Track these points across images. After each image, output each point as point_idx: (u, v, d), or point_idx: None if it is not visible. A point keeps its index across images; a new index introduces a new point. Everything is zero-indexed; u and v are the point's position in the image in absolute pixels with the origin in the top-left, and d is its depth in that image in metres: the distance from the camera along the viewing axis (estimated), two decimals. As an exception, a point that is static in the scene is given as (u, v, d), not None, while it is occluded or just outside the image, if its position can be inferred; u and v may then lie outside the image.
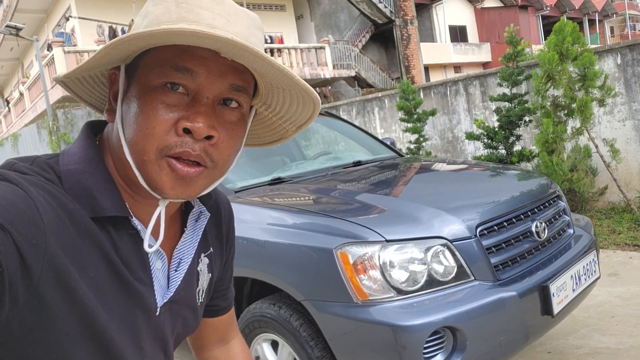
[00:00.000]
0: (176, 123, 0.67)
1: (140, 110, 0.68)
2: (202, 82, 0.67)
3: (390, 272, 1.94)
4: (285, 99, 0.77)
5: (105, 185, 0.71)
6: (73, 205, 0.66)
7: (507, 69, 6.38)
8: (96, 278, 0.66)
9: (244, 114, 0.74)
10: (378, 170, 3.06)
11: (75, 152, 0.73)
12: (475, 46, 29.92)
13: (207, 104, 0.68)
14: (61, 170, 0.70)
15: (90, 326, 0.65)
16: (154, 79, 0.68)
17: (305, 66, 19.09)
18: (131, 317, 0.72)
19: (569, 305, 2.20)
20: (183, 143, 0.67)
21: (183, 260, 0.81)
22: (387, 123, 9.16)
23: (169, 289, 0.79)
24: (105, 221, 0.70)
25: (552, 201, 2.57)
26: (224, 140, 0.70)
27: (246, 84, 0.72)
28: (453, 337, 1.88)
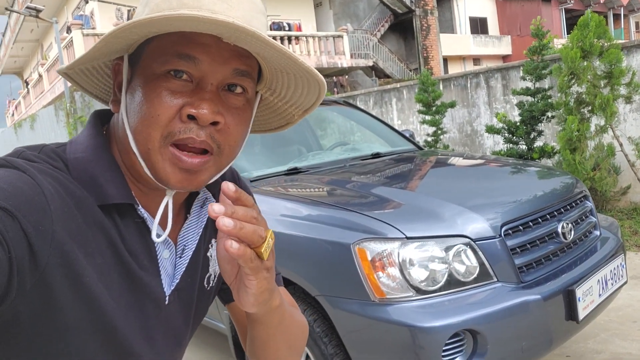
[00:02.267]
0: (180, 109, 0.66)
1: (144, 98, 0.67)
2: (206, 68, 0.67)
3: (410, 271, 1.86)
4: (290, 83, 0.76)
5: (112, 174, 0.70)
6: (80, 192, 0.66)
7: (532, 63, 6.22)
8: (103, 266, 0.66)
9: (250, 100, 0.73)
10: (397, 163, 2.98)
11: (82, 141, 0.73)
12: (495, 38, 29.48)
13: (212, 90, 0.67)
14: (68, 159, 0.70)
15: (97, 313, 0.64)
16: (157, 67, 0.67)
17: (322, 55, 18.95)
18: (138, 306, 0.71)
19: (595, 310, 2.11)
20: (188, 129, 0.66)
21: (187, 247, 0.80)
22: (404, 114, 9.03)
23: (175, 276, 0.78)
24: (111, 209, 0.69)
25: (579, 201, 2.47)
26: (230, 125, 0.69)
27: (250, 69, 0.71)
28: (473, 340, 1.80)
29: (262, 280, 0.66)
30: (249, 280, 0.65)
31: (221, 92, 0.69)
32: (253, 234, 0.60)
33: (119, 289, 0.68)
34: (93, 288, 0.63)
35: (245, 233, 0.59)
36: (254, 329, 0.81)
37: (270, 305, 0.73)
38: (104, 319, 0.65)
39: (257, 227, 0.61)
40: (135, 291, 0.70)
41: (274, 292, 0.72)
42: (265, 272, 0.65)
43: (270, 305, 0.73)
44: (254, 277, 0.64)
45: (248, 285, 0.66)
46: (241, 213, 0.60)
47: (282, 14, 20.12)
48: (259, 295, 0.67)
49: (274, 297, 0.73)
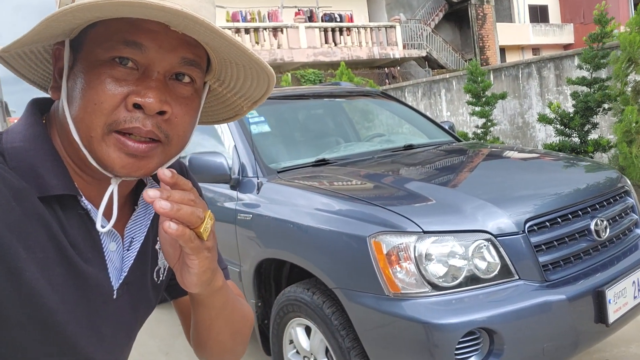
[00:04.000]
0: (126, 98, 0.64)
1: (87, 85, 0.65)
2: (153, 56, 0.65)
3: (426, 266, 1.82)
4: (240, 75, 0.75)
5: (52, 163, 0.68)
6: (19, 183, 0.63)
7: (591, 50, 5.91)
8: (44, 260, 0.64)
9: (198, 89, 0.72)
10: (428, 156, 2.91)
11: (19, 130, 0.70)
12: (556, 27, 28.28)
13: (159, 79, 0.66)
14: (5, 149, 0.67)
15: (38, 309, 0.63)
16: (102, 54, 0.65)
17: (374, 46, 18.77)
18: (85, 300, 0.69)
19: (629, 313, 1.99)
20: (133, 118, 0.64)
21: (135, 239, 0.78)
22: (454, 106, 8.82)
23: (124, 269, 0.76)
24: (52, 201, 0.67)
25: (619, 197, 2.33)
26: (178, 115, 0.68)
27: (198, 58, 0.69)
28: (489, 339, 1.74)
29: (204, 260, 0.66)
30: (190, 260, 0.66)
31: (169, 81, 0.67)
32: (191, 215, 0.61)
33: (62, 283, 0.66)
34: (33, 283, 0.62)
35: (182, 214, 0.60)
36: (197, 313, 0.81)
37: (213, 286, 0.74)
38: (46, 314, 0.64)
39: (195, 209, 0.62)
40: (80, 286, 0.68)
41: (216, 273, 0.73)
42: (206, 252, 0.66)
43: (213, 286, 0.73)
44: (195, 257, 0.65)
45: (190, 265, 0.66)
46: (177, 196, 0.61)
47: (333, 5, 20.05)
48: (201, 274, 0.68)
49: (217, 278, 0.74)
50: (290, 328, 2.38)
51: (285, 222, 2.24)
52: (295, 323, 2.34)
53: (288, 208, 2.29)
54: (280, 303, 2.35)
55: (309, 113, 3.57)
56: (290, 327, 2.38)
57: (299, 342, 2.33)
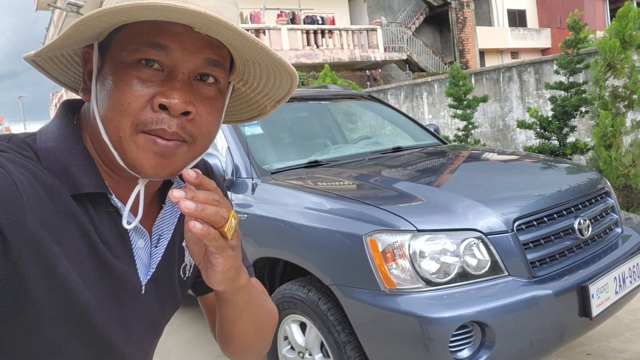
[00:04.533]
0: (152, 99, 0.66)
1: (114, 87, 0.66)
2: (177, 57, 0.67)
3: (420, 263, 1.89)
4: (262, 74, 0.76)
5: (83, 162, 0.70)
6: (52, 182, 0.65)
7: (566, 56, 6.09)
8: (76, 256, 0.65)
9: (222, 90, 0.73)
10: (418, 157, 2.99)
11: (52, 131, 0.72)
12: (534, 31, 28.79)
13: (183, 80, 0.67)
14: (39, 148, 0.69)
15: (71, 303, 0.64)
16: (128, 56, 0.67)
17: (355, 48, 18.91)
18: (114, 295, 0.71)
19: (610, 308, 2.09)
20: (159, 120, 0.66)
21: (162, 237, 0.80)
22: (435, 109, 8.97)
23: (151, 266, 0.79)
24: (84, 199, 0.69)
25: (600, 197, 2.44)
26: (202, 115, 0.69)
27: (222, 59, 0.71)
28: (482, 332, 1.82)
29: (228, 259, 0.68)
30: (215, 258, 0.67)
31: (193, 82, 0.69)
32: (215, 215, 0.63)
33: (93, 278, 0.68)
34: (67, 278, 0.63)
35: (206, 214, 0.62)
36: (222, 310, 0.83)
37: (237, 283, 0.75)
38: (79, 309, 0.65)
39: (219, 209, 0.64)
40: (110, 281, 0.70)
41: (240, 271, 0.75)
42: (230, 251, 0.68)
43: (237, 283, 0.75)
44: (220, 256, 0.67)
45: (215, 264, 0.68)
46: (202, 196, 0.63)
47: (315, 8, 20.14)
48: (226, 272, 0.69)
49: (241, 276, 0.76)
50: (285, 324, 2.44)
51: (281, 222, 2.30)
52: (290, 319, 2.40)
53: (283, 208, 2.35)
54: (276, 300, 2.40)
55: (300, 116, 3.64)
56: (285, 323, 2.44)
57: (294, 338, 2.39)
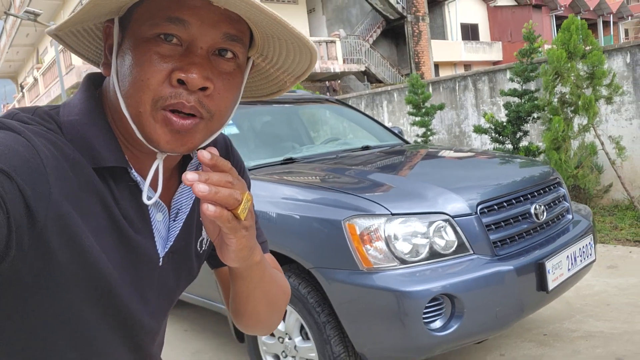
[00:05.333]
0: (170, 74, 0.66)
1: (134, 62, 0.67)
2: (195, 32, 0.67)
3: (395, 244, 2.06)
4: (282, 49, 0.76)
5: (105, 137, 0.71)
6: (75, 155, 0.67)
7: (521, 65, 6.46)
8: (98, 228, 0.67)
9: (240, 65, 0.73)
10: (386, 154, 3.18)
11: (75, 104, 0.73)
12: (486, 45, 29.85)
13: (201, 55, 0.67)
14: (62, 121, 0.70)
15: (94, 273, 0.66)
16: (147, 31, 0.67)
17: (316, 59, 19.16)
18: (133, 267, 0.74)
19: (564, 283, 2.31)
20: (177, 94, 0.66)
21: (181, 210, 0.82)
22: (395, 117, 9.26)
23: (169, 239, 0.81)
24: (105, 173, 0.70)
25: (553, 187, 2.68)
26: (220, 91, 0.69)
27: (241, 34, 0.70)
28: (451, 304, 2.00)
29: (241, 239, 0.68)
30: (228, 238, 0.68)
31: (211, 57, 0.69)
32: (228, 198, 0.63)
33: (113, 250, 0.70)
34: (90, 249, 0.65)
35: (220, 197, 0.62)
36: (236, 285, 0.84)
37: (251, 261, 0.76)
38: (101, 279, 0.67)
39: (233, 191, 0.63)
40: (129, 253, 0.72)
41: (254, 249, 0.75)
42: (243, 231, 0.68)
43: (251, 261, 0.76)
44: (233, 236, 0.67)
45: (228, 243, 0.69)
46: (216, 178, 0.63)
47: (275, 20, 20.30)
48: (239, 251, 0.70)
49: (255, 254, 0.76)
50: (265, 313, 2.56)
51: (262, 213, 2.43)
52: (270, 307, 2.52)
53: (264, 200, 2.48)
54: (256, 289, 2.52)
55: (271, 118, 3.78)
56: (265, 311, 2.55)
57: (274, 325, 2.51)
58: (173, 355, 3.37)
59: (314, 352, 2.29)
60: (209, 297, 2.99)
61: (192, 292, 3.15)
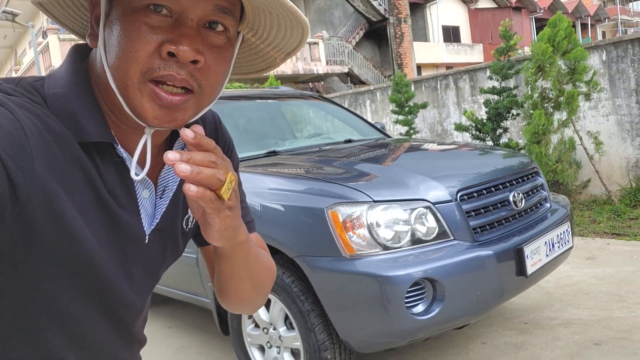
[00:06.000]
0: (160, 46, 0.65)
1: (122, 33, 0.65)
2: (186, 3, 0.65)
3: (377, 230, 2.09)
4: (273, 24, 0.75)
5: (91, 111, 0.70)
6: (60, 129, 0.65)
7: (499, 63, 6.56)
8: (82, 204, 0.66)
9: (231, 39, 0.72)
10: (369, 147, 3.22)
11: (61, 76, 0.71)
12: (467, 47, 30.16)
13: (192, 27, 0.66)
14: (47, 94, 0.68)
15: (78, 248, 0.65)
16: (136, 1, 0.65)
17: (298, 61, 19.22)
18: (118, 243, 0.72)
19: (542, 268, 2.37)
20: (167, 66, 0.65)
21: (168, 188, 0.81)
22: (378, 116, 9.33)
23: (156, 216, 0.79)
24: (90, 148, 0.69)
25: (531, 176, 2.74)
26: (211, 64, 0.68)
27: (232, 6, 0.69)
28: (433, 288, 2.04)
29: (225, 219, 0.67)
30: (212, 218, 0.67)
31: (202, 30, 0.67)
32: (211, 178, 0.61)
33: (98, 226, 0.68)
34: (74, 224, 0.64)
35: (202, 177, 0.60)
36: (220, 264, 0.83)
37: (235, 240, 0.75)
38: (85, 254, 0.66)
39: (216, 171, 0.62)
40: (114, 229, 0.71)
41: (239, 229, 0.74)
42: (227, 211, 0.67)
43: (235, 240, 0.75)
44: (217, 216, 0.66)
45: (212, 223, 0.68)
46: (198, 158, 0.61)
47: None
48: (223, 231, 0.69)
49: (239, 234, 0.75)
50: (250, 303, 2.57)
51: (245, 203, 2.45)
52: (254, 298, 2.54)
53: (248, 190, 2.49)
54: (240, 280, 2.54)
55: (254, 113, 3.80)
56: (250, 302, 2.57)
57: (259, 315, 2.52)
58: (156, 352, 3.37)
59: (299, 340, 2.31)
60: (193, 292, 2.99)
61: (176, 287, 3.15)
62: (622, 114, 6.20)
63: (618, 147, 6.28)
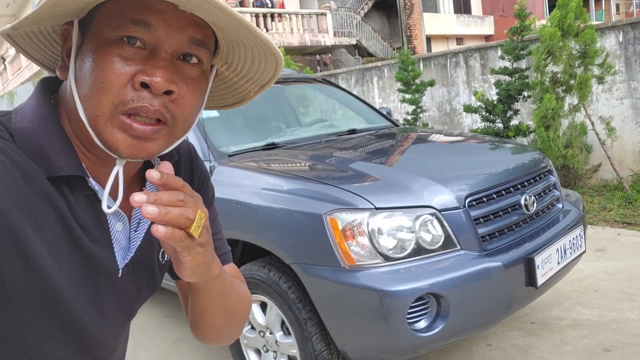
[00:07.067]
0: (133, 77, 0.64)
1: (94, 64, 0.64)
2: (161, 35, 0.65)
3: (378, 239, 1.97)
4: (247, 57, 0.75)
5: (60, 144, 0.68)
6: (27, 163, 0.64)
7: (511, 43, 6.32)
8: (52, 239, 0.65)
9: (205, 71, 0.72)
10: (373, 139, 3.07)
11: (29, 110, 0.70)
12: (478, 18, 29.50)
13: (166, 58, 0.66)
14: (14, 128, 0.67)
15: (44, 286, 0.64)
16: (110, 33, 0.65)
17: (305, 32, 18.84)
18: (90, 279, 0.71)
19: (553, 277, 2.24)
20: (141, 98, 0.64)
21: (143, 220, 0.79)
22: (385, 93, 9.11)
23: (130, 250, 0.78)
24: (60, 181, 0.67)
25: (543, 175, 2.59)
26: (185, 96, 0.68)
27: (206, 39, 0.69)
28: (437, 303, 1.92)
29: (197, 256, 0.66)
30: (183, 256, 0.66)
31: (176, 62, 0.67)
32: (179, 217, 0.61)
33: (69, 262, 0.67)
34: (41, 261, 0.62)
35: (170, 217, 0.60)
36: (194, 298, 0.82)
37: (209, 275, 0.74)
38: (52, 292, 0.65)
39: (184, 210, 0.61)
40: (86, 264, 0.69)
41: (212, 264, 0.73)
42: (198, 248, 0.66)
43: (208, 275, 0.74)
44: (188, 254, 0.65)
45: (183, 261, 0.67)
46: (166, 198, 0.60)
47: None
48: (195, 268, 0.68)
49: (213, 268, 0.74)
50: (246, 305, 2.47)
51: (241, 204, 2.32)
52: (250, 300, 2.43)
53: (242, 190, 2.37)
54: (236, 282, 2.43)
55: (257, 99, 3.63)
56: (246, 304, 2.47)
57: (255, 318, 2.43)
58: (152, 344, 3.30)
59: (295, 348, 2.21)
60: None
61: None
62: (637, 97, 5.98)
63: (632, 131, 6.09)
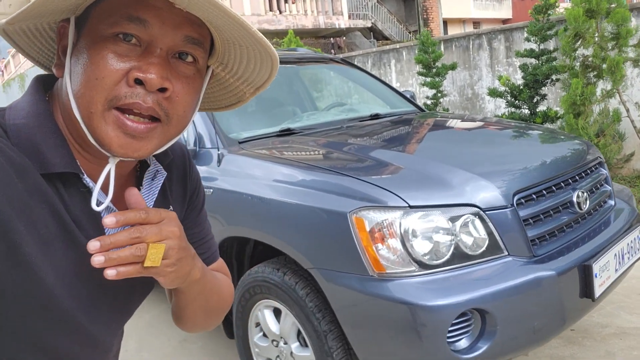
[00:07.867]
0: (127, 73, 0.64)
1: (89, 61, 0.65)
2: (156, 32, 0.65)
3: (412, 243, 1.68)
4: (243, 57, 0.74)
5: (55, 141, 0.69)
6: (21, 160, 0.64)
7: (537, 23, 5.95)
8: (46, 236, 0.65)
9: (200, 70, 0.72)
10: (398, 125, 2.77)
11: (23, 107, 0.70)
12: (496, 1, 28.80)
13: (161, 56, 0.66)
14: (8, 125, 0.68)
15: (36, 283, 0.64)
16: (105, 29, 0.65)
17: (319, 15, 18.42)
18: (84, 275, 0.70)
19: (611, 287, 1.95)
20: (134, 94, 0.64)
21: None
22: (403, 77, 8.76)
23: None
24: (55, 178, 0.68)
25: (594, 168, 2.28)
26: (179, 94, 0.68)
27: (202, 38, 0.70)
28: (482, 320, 1.64)
29: (169, 274, 0.68)
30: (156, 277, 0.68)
31: (171, 60, 0.67)
32: (129, 257, 0.62)
33: (62, 258, 0.67)
34: (32, 258, 0.63)
35: (120, 260, 0.62)
36: (175, 295, 0.85)
37: (189, 281, 0.76)
38: (44, 289, 0.65)
39: (134, 249, 0.63)
40: (80, 260, 0.69)
41: (191, 272, 0.74)
42: (168, 269, 0.67)
43: (188, 281, 0.76)
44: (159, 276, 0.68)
45: (158, 280, 0.70)
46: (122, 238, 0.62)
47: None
48: (171, 282, 0.71)
49: (192, 275, 0.75)
50: (257, 310, 2.21)
51: (253, 197, 2.05)
52: (262, 305, 2.17)
53: (254, 181, 2.09)
54: (246, 284, 2.17)
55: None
56: (257, 309, 2.21)
57: (267, 326, 2.16)
58: (157, 344, 3.06)
59: (313, 362, 1.94)
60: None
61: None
62: (676, 82, 5.59)
63: (669, 118, 5.70)
